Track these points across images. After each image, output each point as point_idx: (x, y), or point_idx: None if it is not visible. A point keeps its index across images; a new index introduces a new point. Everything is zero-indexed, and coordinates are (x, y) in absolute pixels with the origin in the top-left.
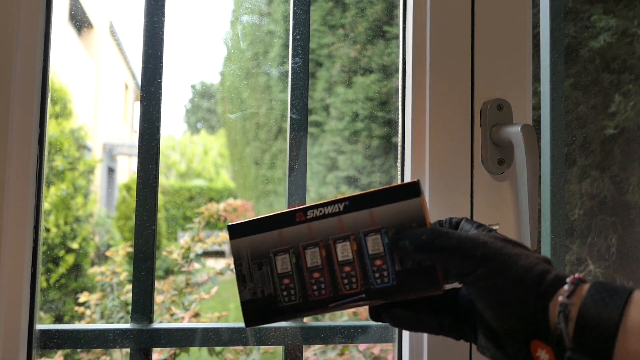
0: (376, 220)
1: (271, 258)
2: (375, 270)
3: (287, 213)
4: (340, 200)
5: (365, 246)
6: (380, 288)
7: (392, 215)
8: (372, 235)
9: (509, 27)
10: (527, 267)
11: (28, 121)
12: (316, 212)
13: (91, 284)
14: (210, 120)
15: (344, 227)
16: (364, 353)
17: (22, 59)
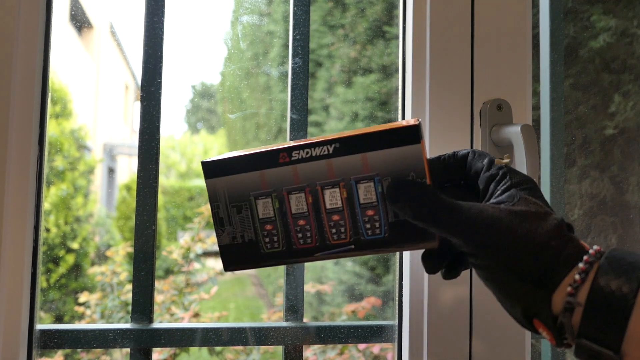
0: (369, 166)
1: (251, 201)
2: (367, 220)
3: (270, 152)
4: (330, 142)
5: (356, 194)
6: (371, 240)
7: (387, 162)
8: (364, 182)
9: (509, 27)
10: (533, 254)
11: (28, 121)
12: (302, 153)
13: (91, 284)
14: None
15: (334, 171)
16: (364, 352)
17: (22, 59)
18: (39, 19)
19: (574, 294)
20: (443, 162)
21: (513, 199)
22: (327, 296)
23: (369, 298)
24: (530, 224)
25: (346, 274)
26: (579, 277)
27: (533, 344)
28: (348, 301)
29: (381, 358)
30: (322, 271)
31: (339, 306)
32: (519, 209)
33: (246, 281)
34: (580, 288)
